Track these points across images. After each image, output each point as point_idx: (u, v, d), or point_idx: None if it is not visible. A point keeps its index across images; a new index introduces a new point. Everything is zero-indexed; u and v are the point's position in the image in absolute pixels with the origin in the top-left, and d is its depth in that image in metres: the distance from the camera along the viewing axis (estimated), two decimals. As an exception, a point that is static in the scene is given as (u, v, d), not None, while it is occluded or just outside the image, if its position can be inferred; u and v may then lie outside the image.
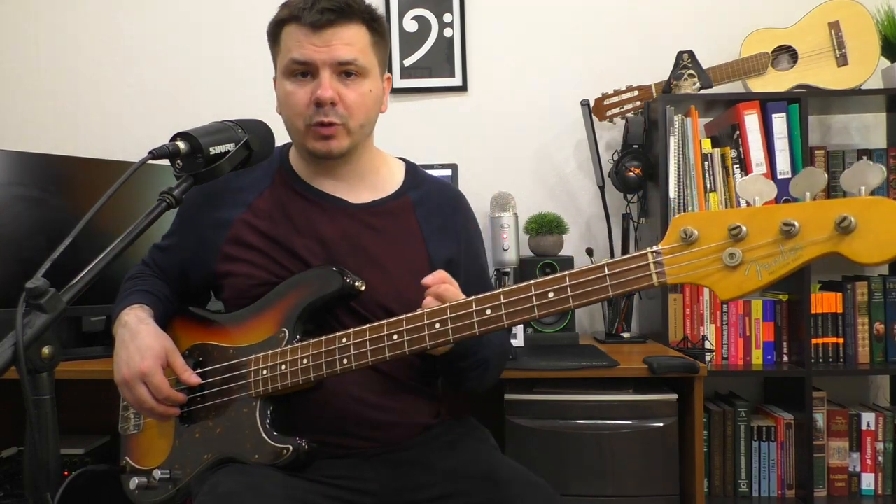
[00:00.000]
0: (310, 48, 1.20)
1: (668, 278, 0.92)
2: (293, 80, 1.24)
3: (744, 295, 0.88)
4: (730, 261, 0.88)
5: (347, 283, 1.19)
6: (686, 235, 0.90)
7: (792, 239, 0.85)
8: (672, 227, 0.92)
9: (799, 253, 0.85)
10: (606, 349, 1.94)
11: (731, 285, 0.88)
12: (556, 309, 0.99)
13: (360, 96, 1.24)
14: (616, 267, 0.95)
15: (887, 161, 2.15)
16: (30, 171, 1.95)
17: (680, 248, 0.91)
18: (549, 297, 0.99)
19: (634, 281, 0.94)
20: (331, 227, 1.28)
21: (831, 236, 0.83)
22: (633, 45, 2.43)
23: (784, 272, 0.86)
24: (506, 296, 1.02)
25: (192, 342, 1.31)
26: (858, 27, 2.19)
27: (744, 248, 0.87)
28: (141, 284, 1.36)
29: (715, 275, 0.89)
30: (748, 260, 0.87)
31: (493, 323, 1.03)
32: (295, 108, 1.24)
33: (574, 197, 2.45)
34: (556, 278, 0.99)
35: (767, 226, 0.86)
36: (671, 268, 0.92)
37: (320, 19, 1.18)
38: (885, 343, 2.13)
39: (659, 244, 0.94)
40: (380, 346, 1.11)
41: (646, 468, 1.66)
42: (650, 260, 0.93)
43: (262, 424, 1.18)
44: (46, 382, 0.86)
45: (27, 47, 2.57)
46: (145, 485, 1.27)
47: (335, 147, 1.25)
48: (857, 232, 0.82)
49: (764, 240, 0.86)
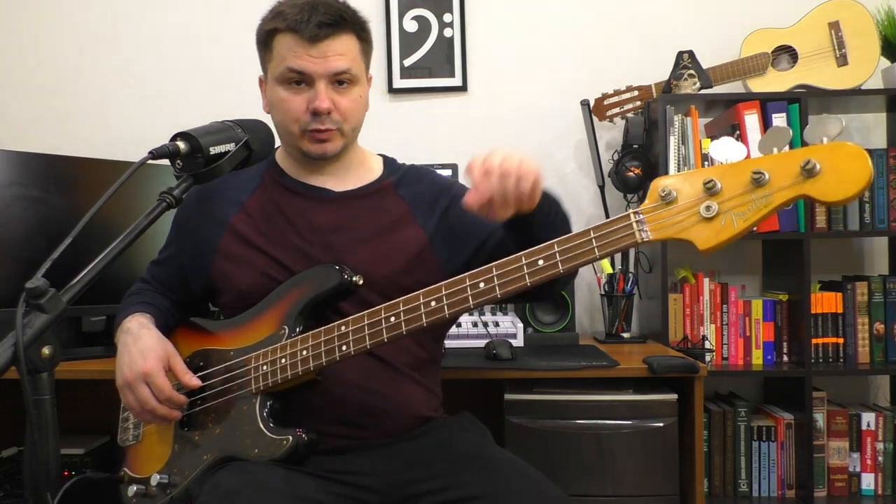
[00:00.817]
0: (307, 59, 1.23)
1: (650, 234, 0.98)
2: (288, 88, 1.26)
3: (721, 243, 0.93)
4: (706, 213, 0.93)
5: (346, 278, 1.20)
6: (665, 194, 0.96)
7: (762, 187, 0.91)
8: (651, 188, 0.98)
9: (770, 199, 0.91)
10: (606, 349, 1.94)
11: (710, 235, 0.94)
12: (546, 275, 1.03)
13: (352, 102, 1.28)
14: (601, 230, 1.01)
15: (887, 161, 2.15)
16: (30, 171, 1.95)
17: (660, 206, 0.97)
18: (539, 264, 1.03)
19: (619, 240, 1.00)
20: (322, 214, 1.31)
21: (798, 181, 0.89)
22: (633, 45, 2.43)
23: (757, 218, 0.92)
24: (498, 268, 1.06)
25: (193, 349, 1.32)
26: (858, 27, 2.19)
27: (719, 201, 0.93)
28: (141, 298, 1.39)
29: (694, 227, 0.95)
30: (723, 210, 0.93)
31: (487, 294, 1.06)
32: (290, 115, 1.27)
33: (574, 197, 2.44)
34: (545, 247, 1.04)
35: (739, 179, 0.92)
36: (653, 225, 0.97)
37: (318, 34, 1.22)
38: (885, 343, 2.13)
39: (640, 206, 0.99)
40: (377, 329, 1.12)
41: (645, 468, 1.66)
42: (632, 220, 0.99)
43: (261, 417, 1.18)
44: (46, 382, 0.86)
45: (27, 47, 2.56)
46: (143, 492, 1.27)
47: (330, 149, 1.29)
48: (822, 174, 0.88)
49: (737, 191, 0.92)
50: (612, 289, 2.16)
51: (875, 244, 2.38)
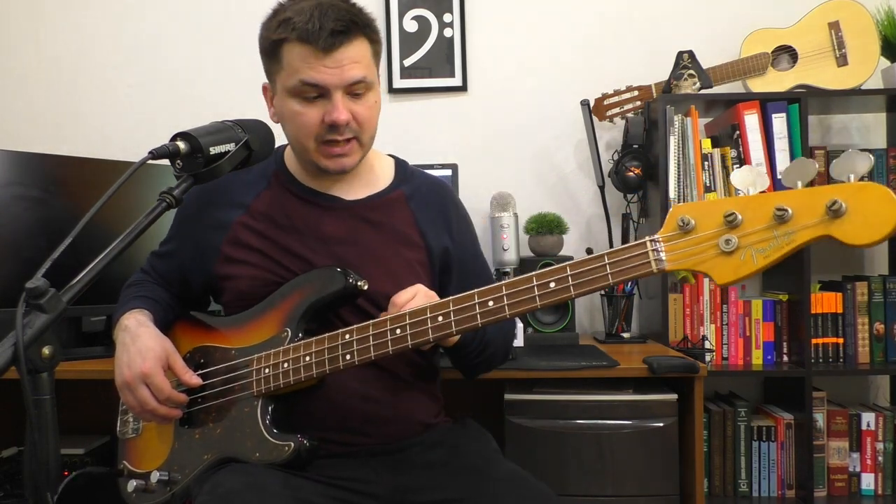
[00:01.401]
0: (323, 71, 1.18)
1: (666, 265, 0.95)
2: (302, 101, 1.22)
3: (740, 279, 0.91)
4: (726, 246, 0.90)
5: (350, 282, 1.20)
6: (683, 224, 0.93)
7: (785, 224, 0.88)
8: (670, 216, 0.95)
9: (792, 237, 0.87)
10: (606, 349, 1.94)
11: (728, 270, 0.91)
12: (557, 298, 1.01)
13: (368, 109, 1.24)
14: (616, 256, 0.98)
15: (887, 161, 2.15)
16: (30, 171, 1.95)
17: (677, 235, 0.94)
18: (551, 286, 1.01)
19: (634, 269, 0.97)
20: (330, 225, 1.29)
21: (822, 220, 0.86)
22: (633, 45, 2.43)
23: (778, 256, 0.89)
24: (508, 287, 1.04)
25: (193, 345, 1.31)
26: (858, 27, 2.19)
27: (739, 234, 0.90)
28: (140, 291, 1.37)
29: (712, 260, 0.92)
30: (744, 245, 0.90)
31: (496, 314, 1.05)
32: (305, 129, 1.23)
33: (574, 197, 2.45)
34: (557, 269, 1.01)
35: (761, 212, 0.89)
36: (670, 255, 0.95)
37: (333, 43, 1.17)
38: (885, 343, 2.13)
39: (657, 233, 0.96)
40: (383, 341, 1.11)
41: (645, 468, 1.66)
42: (649, 248, 0.96)
43: (263, 422, 1.18)
44: (46, 382, 0.86)
45: (28, 47, 2.57)
46: (143, 487, 1.27)
47: (348, 164, 1.26)
48: (848, 215, 0.84)
49: (758, 226, 0.89)
50: (612, 289, 2.16)
51: (875, 244, 2.38)
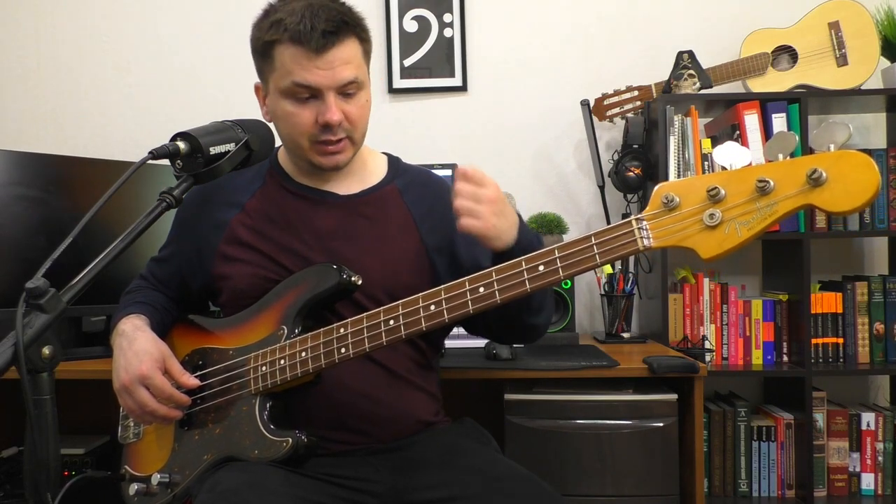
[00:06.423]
0: (315, 72, 1.19)
1: (653, 242, 0.96)
2: (295, 102, 1.22)
3: (725, 252, 0.92)
4: (710, 221, 0.91)
5: (345, 278, 1.20)
6: (667, 201, 0.94)
7: (767, 195, 0.89)
8: (654, 194, 0.96)
9: (774, 208, 0.89)
10: (606, 349, 1.94)
11: (713, 244, 0.92)
12: (546, 281, 1.02)
13: (360, 108, 1.26)
14: (602, 236, 0.99)
15: (887, 161, 2.15)
16: (30, 171, 1.95)
17: (662, 213, 0.95)
18: (540, 269, 1.02)
19: (621, 247, 0.98)
20: (325, 219, 1.30)
21: (804, 189, 0.87)
22: (633, 45, 2.43)
23: (762, 227, 0.90)
24: (498, 272, 1.05)
25: (191, 347, 1.32)
26: (858, 27, 2.19)
27: (723, 208, 0.91)
28: (137, 297, 1.38)
29: (696, 235, 0.93)
30: (727, 218, 0.91)
31: (487, 300, 1.05)
32: (298, 129, 1.24)
33: (574, 197, 2.45)
34: (545, 252, 1.02)
35: (744, 186, 0.90)
36: (655, 232, 0.96)
37: (324, 44, 1.17)
38: (885, 343, 2.13)
39: (643, 212, 0.97)
40: (377, 332, 1.12)
41: (645, 468, 1.66)
42: (634, 226, 0.97)
43: (261, 419, 1.18)
44: (46, 382, 0.86)
45: (27, 47, 2.56)
46: (144, 490, 1.27)
47: (342, 161, 1.28)
48: (828, 184, 0.86)
49: (741, 199, 0.90)
50: (612, 289, 2.16)
51: (875, 244, 2.38)
